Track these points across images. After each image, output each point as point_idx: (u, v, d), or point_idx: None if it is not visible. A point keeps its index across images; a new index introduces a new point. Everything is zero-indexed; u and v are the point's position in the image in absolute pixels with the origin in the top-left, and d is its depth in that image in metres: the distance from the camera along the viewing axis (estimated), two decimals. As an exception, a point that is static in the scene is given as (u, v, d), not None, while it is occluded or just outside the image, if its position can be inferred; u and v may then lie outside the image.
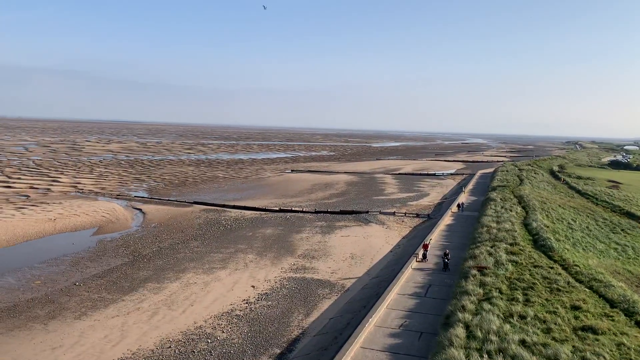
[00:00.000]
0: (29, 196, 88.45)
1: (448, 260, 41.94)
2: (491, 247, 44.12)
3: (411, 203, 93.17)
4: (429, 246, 46.80)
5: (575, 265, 39.56)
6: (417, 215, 77.79)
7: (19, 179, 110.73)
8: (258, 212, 79.68)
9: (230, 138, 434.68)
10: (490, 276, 35.17)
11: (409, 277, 39.68)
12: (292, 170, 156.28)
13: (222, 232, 64.41)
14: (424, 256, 44.98)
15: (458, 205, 74.90)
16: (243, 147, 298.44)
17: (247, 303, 38.69)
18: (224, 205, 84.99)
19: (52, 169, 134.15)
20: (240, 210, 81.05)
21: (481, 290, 32.09)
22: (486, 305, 29.00)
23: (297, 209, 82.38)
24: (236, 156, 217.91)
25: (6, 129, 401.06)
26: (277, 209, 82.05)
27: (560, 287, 33.09)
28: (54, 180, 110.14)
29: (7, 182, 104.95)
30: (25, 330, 32.84)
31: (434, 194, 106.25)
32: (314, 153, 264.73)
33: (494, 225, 54.68)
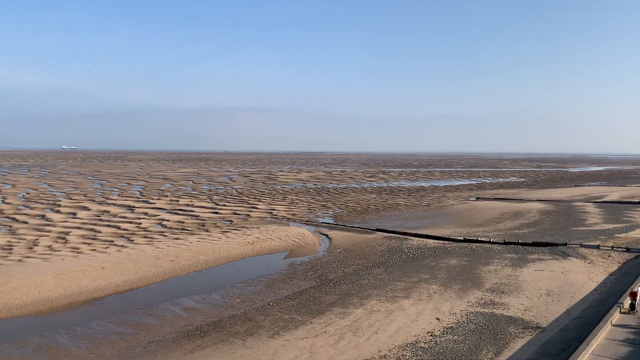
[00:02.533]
0: (232, 221, 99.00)
1: None
2: None
3: (619, 235, 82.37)
4: None
5: None
6: (628, 250, 68.41)
7: (224, 205, 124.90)
8: (441, 242, 77.87)
9: (411, 165, 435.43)
10: None
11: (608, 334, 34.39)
12: (477, 198, 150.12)
13: (404, 261, 64.24)
14: (632, 306, 37.88)
15: None
16: (424, 174, 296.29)
17: (431, 335, 37.69)
18: (405, 233, 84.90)
19: (251, 196, 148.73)
20: (422, 239, 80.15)
21: None
22: None
23: (483, 239, 78.56)
24: (417, 183, 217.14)
25: (215, 162, 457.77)
26: (462, 238, 79.25)
27: None
28: (252, 207, 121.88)
29: (215, 208, 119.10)
30: (227, 345, 36.34)
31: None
32: (501, 179, 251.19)
33: None
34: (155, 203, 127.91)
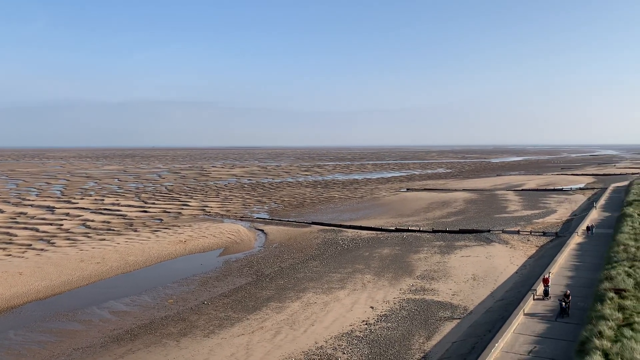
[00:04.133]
0: (162, 220, 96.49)
1: (568, 303, 34.32)
2: (630, 267, 40.20)
3: (537, 221, 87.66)
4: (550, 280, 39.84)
5: None
6: (544, 234, 72.96)
7: (153, 204, 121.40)
8: (374, 232, 79.71)
9: (345, 159, 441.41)
10: (630, 299, 31.98)
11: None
12: (407, 189, 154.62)
13: (339, 252, 65.27)
14: (546, 293, 38.45)
15: (588, 228, 66.22)
16: (357, 167, 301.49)
17: (366, 324, 38.66)
18: (340, 225, 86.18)
19: (183, 193, 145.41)
20: (356, 230, 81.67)
21: (620, 315, 29.26)
22: (627, 332, 26.37)
23: (414, 228, 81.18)
24: (351, 176, 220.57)
25: (142, 159, 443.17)
26: (394, 228, 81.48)
27: None
28: (184, 205, 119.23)
29: (143, 207, 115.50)
30: (160, 347, 35.53)
31: (561, 211, 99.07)
32: (429, 171, 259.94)
33: (632, 243, 49.77)
34: (78, 203, 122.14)
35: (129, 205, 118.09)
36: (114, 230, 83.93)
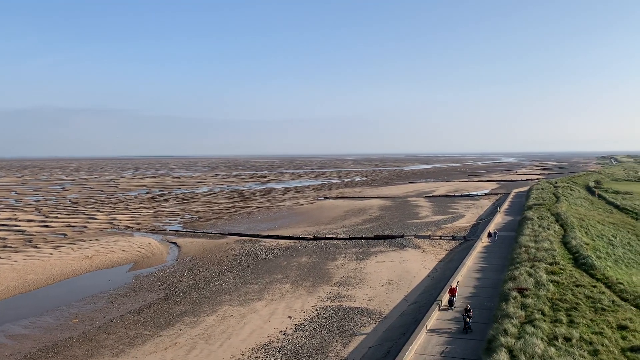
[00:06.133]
0: (66, 234, 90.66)
1: (470, 318, 32.05)
2: (530, 267, 42.89)
3: (446, 225, 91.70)
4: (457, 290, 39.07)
5: (619, 283, 38.04)
6: (453, 238, 76.41)
7: (56, 217, 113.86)
8: (292, 241, 79.62)
9: (262, 168, 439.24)
10: (532, 297, 34.06)
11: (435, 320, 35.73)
12: (324, 197, 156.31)
13: (257, 263, 64.46)
14: (450, 303, 37.06)
15: (489, 235, 66.87)
16: (275, 176, 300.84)
17: (284, 334, 38.31)
18: (258, 236, 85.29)
19: (88, 206, 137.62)
20: (274, 240, 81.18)
21: (523, 313, 31.05)
22: (529, 328, 27.99)
23: (331, 236, 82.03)
24: (269, 185, 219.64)
25: (43, 170, 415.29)
26: (311, 237, 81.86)
27: (605, 307, 31.80)
28: (90, 218, 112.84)
29: (45, 221, 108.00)
30: (66, 369, 33.15)
31: (469, 215, 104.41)
32: (346, 179, 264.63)
33: (532, 244, 53.25)
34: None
35: (29, 220, 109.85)
36: (11, 247, 77.56)
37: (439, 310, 36.29)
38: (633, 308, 31.80)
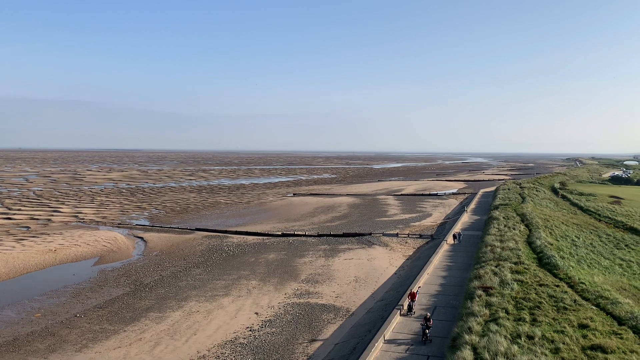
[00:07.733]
0: (29, 227, 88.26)
1: (430, 328, 30.50)
2: (496, 266, 43.68)
3: (414, 224, 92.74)
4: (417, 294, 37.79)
5: (581, 282, 39.08)
6: (420, 236, 77.35)
7: (19, 210, 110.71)
8: (260, 237, 79.29)
9: (232, 163, 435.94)
10: (496, 296, 34.70)
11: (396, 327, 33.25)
12: (294, 194, 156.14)
13: (224, 259, 63.97)
14: (410, 308, 35.77)
15: (454, 236, 65.35)
16: (244, 172, 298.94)
17: (250, 331, 38.15)
18: (226, 231, 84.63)
19: (53, 199, 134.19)
20: (242, 236, 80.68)
21: (487, 311, 31.61)
22: (493, 326, 28.53)
23: (299, 233, 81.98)
24: (238, 181, 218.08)
25: (6, 161, 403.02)
26: (280, 233, 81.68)
27: (567, 306, 32.62)
28: (54, 211, 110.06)
29: (7, 213, 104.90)
30: (26, 365, 32.30)
31: (436, 214, 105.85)
32: (315, 176, 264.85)
33: (498, 244, 54.25)
34: None
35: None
36: (-31, 239, 75.07)
37: (400, 315, 34.99)
38: (594, 307, 32.72)
